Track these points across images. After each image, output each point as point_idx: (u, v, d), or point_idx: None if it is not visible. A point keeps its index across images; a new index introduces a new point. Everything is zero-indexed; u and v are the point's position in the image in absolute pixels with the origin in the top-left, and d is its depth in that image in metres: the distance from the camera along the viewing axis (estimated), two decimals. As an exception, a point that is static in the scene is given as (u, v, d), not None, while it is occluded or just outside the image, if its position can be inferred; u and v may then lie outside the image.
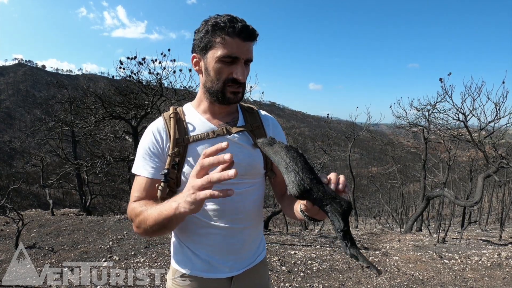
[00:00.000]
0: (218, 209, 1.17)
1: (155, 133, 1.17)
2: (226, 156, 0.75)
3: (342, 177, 0.84)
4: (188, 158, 1.15)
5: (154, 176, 1.14)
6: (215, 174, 0.76)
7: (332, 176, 0.83)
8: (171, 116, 1.19)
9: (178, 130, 1.16)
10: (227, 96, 1.12)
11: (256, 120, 1.29)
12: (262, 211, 1.36)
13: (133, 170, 1.18)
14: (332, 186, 0.81)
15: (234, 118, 1.25)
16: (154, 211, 0.98)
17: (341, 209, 0.77)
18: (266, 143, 0.82)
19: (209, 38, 1.07)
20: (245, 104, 1.34)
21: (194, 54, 1.15)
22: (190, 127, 1.19)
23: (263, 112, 1.36)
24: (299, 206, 1.01)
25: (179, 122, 1.18)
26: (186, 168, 1.15)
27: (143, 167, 1.15)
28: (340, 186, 0.82)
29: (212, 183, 0.77)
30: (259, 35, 1.12)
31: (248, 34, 1.05)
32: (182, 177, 1.15)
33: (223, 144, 0.79)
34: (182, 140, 1.14)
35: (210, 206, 1.17)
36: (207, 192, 0.77)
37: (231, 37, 1.04)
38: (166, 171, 1.11)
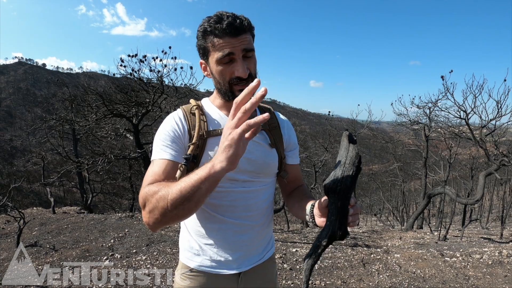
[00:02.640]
0: (231, 206, 1.18)
1: (176, 120, 1.16)
2: (254, 82, 0.75)
3: (356, 216, 0.95)
4: (208, 151, 1.14)
5: (175, 159, 1.08)
6: (247, 103, 0.75)
7: (355, 208, 0.94)
8: (192, 109, 1.19)
9: (199, 124, 1.15)
10: (236, 95, 1.09)
11: (274, 120, 1.30)
12: (273, 210, 1.37)
13: (153, 157, 1.11)
14: (350, 211, 0.92)
15: (252, 117, 1.23)
16: (179, 182, 0.87)
17: (338, 231, 0.89)
18: (348, 139, 0.92)
19: (203, 44, 1.09)
20: (262, 105, 1.34)
21: (200, 61, 1.16)
22: (210, 121, 1.19)
23: (280, 115, 1.38)
24: (309, 207, 1.11)
25: (200, 116, 1.18)
26: (204, 161, 1.12)
27: (163, 151, 1.10)
28: (350, 218, 0.93)
29: (247, 111, 0.75)
30: (251, 23, 1.09)
31: (235, 29, 1.03)
32: None
33: (254, 82, 0.75)
34: (202, 134, 1.14)
35: (222, 202, 1.17)
36: (243, 126, 0.75)
37: (221, 38, 1.03)
38: (188, 156, 1.07)
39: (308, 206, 1.11)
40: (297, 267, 4.38)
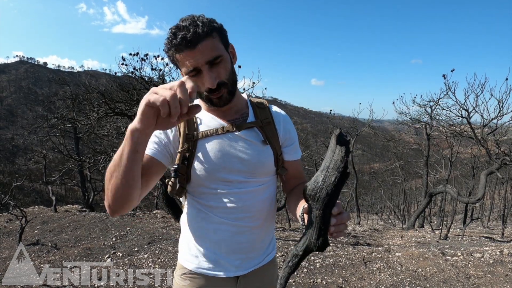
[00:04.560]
0: (227, 207, 1.16)
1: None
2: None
3: (342, 226, 0.83)
4: (198, 154, 1.13)
5: (153, 154, 1.09)
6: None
7: (340, 217, 0.82)
8: None
9: (187, 125, 1.14)
10: (213, 102, 1.10)
11: (267, 115, 1.24)
12: (275, 210, 1.33)
13: None
14: (333, 221, 0.81)
15: (244, 114, 1.22)
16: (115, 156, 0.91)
17: (315, 242, 0.81)
18: (337, 139, 0.77)
19: (172, 60, 1.06)
20: (256, 99, 1.30)
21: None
22: (200, 123, 1.17)
23: (274, 108, 1.31)
24: (300, 209, 1.01)
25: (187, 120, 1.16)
26: (196, 164, 1.13)
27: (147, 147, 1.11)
28: (333, 229, 0.82)
29: (174, 89, 0.75)
30: (210, 26, 1.01)
31: (190, 42, 0.97)
32: (192, 173, 1.14)
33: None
34: (191, 136, 1.13)
35: (219, 204, 1.16)
36: (161, 98, 0.74)
37: (180, 53, 1.00)
38: (176, 166, 1.10)
39: (301, 207, 1.01)
40: (299, 265, 4.39)
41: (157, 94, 0.76)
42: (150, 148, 1.09)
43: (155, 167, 1.08)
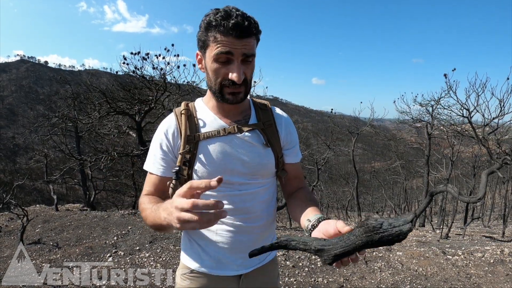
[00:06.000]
0: (229, 208, 1.16)
1: (165, 131, 1.16)
2: (213, 182, 0.74)
3: (348, 263, 0.84)
4: (199, 155, 1.14)
5: (163, 174, 1.15)
6: (200, 201, 0.74)
7: (356, 257, 0.83)
8: (182, 112, 1.17)
9: (189, 127, 1.14)
10: (225, 97, 1.08)
11: (269, 117, 1.24)
12: (275, 210, 1.34)
13: (145, 167, 1.19)
14: (353, 256, 0.81)
15: (246, 116, 1.22)
16: (151, 214, 1.00)
17: (331, 253, 0.81)
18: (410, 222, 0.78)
19: (205, 37, 1.02)
20: (259, 100, 1.30)
21: (197, 52, 1.11)
22: (202, 124, 1.17)
23: (277, 110, 1.31)
24: (317, 217, 1.00)
25: (190, 119, 1.16)
26: (197, 166, 1.14)
27: (153, 165, 1.16)
28: (346, 259, 0.82)
29: (196, 207, 0.73)
30: (259, 27, 1.04)
31: (241, 31, 0.97)
32: (194, 174, 1.15)
33: (213, 182, 0.74)
34: (193, 137, 1.13)
35: None
36: (188, 215, 0.74)
37: (224, 35, 0.98)
38: (177, 168, 1.10)
39: (315, 216, 1.00)
40: (300, 264, 4.40)
41: (189, 222, 0.75)
42: (159, 168, 1.16)
43: (167, 182, 1.14)
